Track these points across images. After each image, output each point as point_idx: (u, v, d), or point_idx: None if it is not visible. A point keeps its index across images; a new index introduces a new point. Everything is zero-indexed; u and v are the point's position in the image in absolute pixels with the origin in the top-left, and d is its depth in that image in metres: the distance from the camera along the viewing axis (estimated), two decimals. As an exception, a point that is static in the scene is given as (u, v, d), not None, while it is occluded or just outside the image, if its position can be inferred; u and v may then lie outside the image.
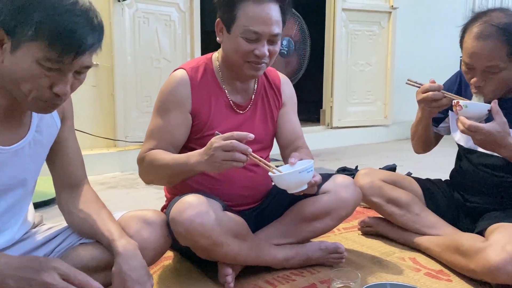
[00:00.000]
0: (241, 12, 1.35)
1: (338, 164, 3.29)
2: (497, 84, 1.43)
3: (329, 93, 4.28)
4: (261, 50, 1.37)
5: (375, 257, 1.65)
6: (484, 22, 1.40)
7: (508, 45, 1.37)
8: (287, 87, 1.62)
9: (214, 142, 1.21)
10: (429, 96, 1.47)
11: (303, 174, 1.22)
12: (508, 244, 1.30)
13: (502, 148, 1.38)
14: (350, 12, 4.18)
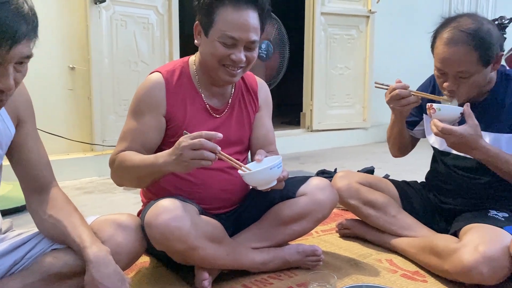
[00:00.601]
0: (220, 17, 1.35)
1: (318, 167, 3.30)
2: (469, 87, 1.46)
3: (309, 97, 4.30)
4: (238, 56, 1.37)
5: (352, 259, 1.66)
6: (453, 28, 1.43)
7: (478, 50, 1.40)
8: (263, 91, 1.62)
9: (182, 142, 1.20)
10: (396, 94, 1.50)
11: (274, 171, 1.23)
12: (481, 244, 1.33)
13: (474, 150, 1.41)
14: (328, 16, 4.21)
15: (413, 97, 1.51)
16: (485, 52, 1.40)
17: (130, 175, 1.37)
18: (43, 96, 2.91)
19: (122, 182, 1.44)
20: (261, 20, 1.40)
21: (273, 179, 1.25)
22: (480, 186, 1.58)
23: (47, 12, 2.92)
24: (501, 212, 1.52)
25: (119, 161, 1.37)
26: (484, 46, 1.40)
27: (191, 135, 1.20)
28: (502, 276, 1.32)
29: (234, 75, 1.41)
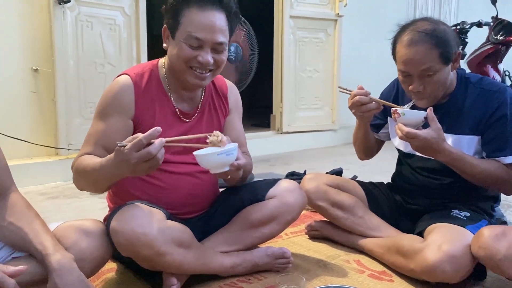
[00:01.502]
0: (185, 19, 1.34)
1: (288, 168, 3.32)
2: (434, 86, 1.50)
3: (279, 99, 4.32)
4: (204, 57, 1.35)
5: (321, 260, 1.68)
6: (412, 30, 1.48)
7: (438, 47, 1.45)
8: (233, 94, 1.62)
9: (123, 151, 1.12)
10: (357, 100, 1.52)
11: (221, 157, 1.23)
12: (444, 243, 1.36)
13: (438, 153, 1.45)
14: (297, 19, 4.25)
15: (374, 104, 1.54)
16: (445, 49, 1.45)
17: (88, 179, 1.31)
18: (4, 99, 2.82)
19: (81, 186, 1.38)
20: (229, 22, 1.39)
21: (224, 164, 1.25)
22: (443, 187, 1.62)
23: (9, 12, 2.83)
24: (463, 211, 1.57)
25: (77, 165, 1.33)
26: (443, 43, 1.45)
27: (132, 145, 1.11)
28: (464, 274, 1.37)
29: (202, 78, 1.40)
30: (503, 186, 1.54)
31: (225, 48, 1.40)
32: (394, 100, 1.70)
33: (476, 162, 1.49)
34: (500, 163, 1.51)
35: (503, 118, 1.50)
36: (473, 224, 1.48)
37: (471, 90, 1.56)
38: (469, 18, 4.62)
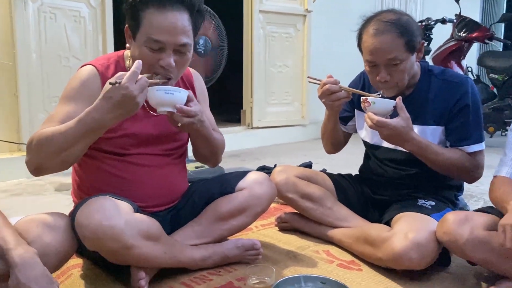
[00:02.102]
0: (145, 20, 1.28)
1: (258, 163, 3.32)
2: (401, 75, 1.52)
3: (249, 94, 4.32)
4: (166, 61, 1.29)
5: (291, 251, 1.68)
6: (377, 21, 1.51)
7: (403, 36, 1.48)
8: (199, 82, 1.60)
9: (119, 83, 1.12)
10: (327, 89, 1.54)
11: (161, 93, 1.23)
12: (410, 232, 1.39)
13: (406, 141, 1.48)
14: (267, 14, 4.25)
15: (343, 92, 1.55)
16: (409, 39, 1.49)
17: (53, 147, 1.19)
18: (-38, 93, 2.70)
19: (41, 161, 1.23)
20: (192, 20, 1.33)
21: (167, 104, 1.25)
22: (409, 177, 1.66)
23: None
24: (428, 201, 1.60)
25: (39, 136, 1.21)
26: (408, 32, 1.48)
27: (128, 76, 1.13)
28: (429, 261, 1.40)
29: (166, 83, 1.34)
30: (466, 175, 1.59)
31: (190, 48, 1.34)
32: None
33: (441, 151, 1.52)
34: (463, 152, 1.55)
35: (465, 108, 1.54)
36: (438, 212, 1.52)
37: (434, 82, 1.59)
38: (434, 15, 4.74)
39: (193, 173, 2.71)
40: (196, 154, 1.59)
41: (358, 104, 1.71)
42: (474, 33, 4.39)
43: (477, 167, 1.56)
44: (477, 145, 1.55)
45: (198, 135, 1.44)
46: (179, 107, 1.27)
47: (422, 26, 4.50)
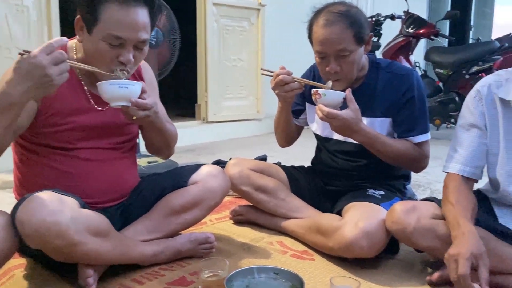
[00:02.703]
0: (104, 15, 1.23)
1: (213, 158, 3.29)
2: (350, 66, 1.55)
3: (204, 88, 4.27)
4: (126, 57, 1.26)
5: (245, 243, 1.68)
6: (327, 12, 1.53)
7: (352, 28, 1.50)
8: (148, 73, 1.56)
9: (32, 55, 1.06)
10: (280, 80, 1.54)
11: (114, 87, 1.22)
12: (360, 220, 1.42)
13: (355, 133, 1.50)
14: (220, 7, 4.21)
15: (296, 83, 1.56)
16: (358, 30, 1.51)
17: None
18: None
19: None
20: (151, 16, 1.30)
21: (121, 98, 1.23)
22: (359, 168, 1.69)
23: None
24: (378, 190, 1.65)
25: None
26: (356, 24, 1.51)
27: (42, 48, 1.07)
28: (379, 249, 1.44)
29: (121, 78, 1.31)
30: (413, 164, 1.64)
31: (147, 43, 1.32)
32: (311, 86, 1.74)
33: (389, 142, 1.57)
34: (410, 142, 1.60)
35: (411, 100, 1.59)
36: (387, 201, 1.57)
37: (382, 74, 1.63)
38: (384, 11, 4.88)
39: (146, 168, 2.65)
40: (149, 147, 1.56)
41: (310, 98, 1.72)
42: (421, 30, 4.56)
43: (424, 157, 1.62)
44: (423, 136, 1.61)
45: (152, 127, 1.42)
46: (134, 100, 1.24)
47: (372, 22, 4.62)
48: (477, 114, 1.37)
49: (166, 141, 1.51)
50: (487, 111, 1.36)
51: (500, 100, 1.34)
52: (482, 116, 1.36)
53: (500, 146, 1.35)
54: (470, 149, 1.38)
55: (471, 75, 4.15)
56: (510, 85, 1.32)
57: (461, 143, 1.40)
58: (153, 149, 1.57)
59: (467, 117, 1.40)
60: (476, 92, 1.39)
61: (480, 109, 1.37)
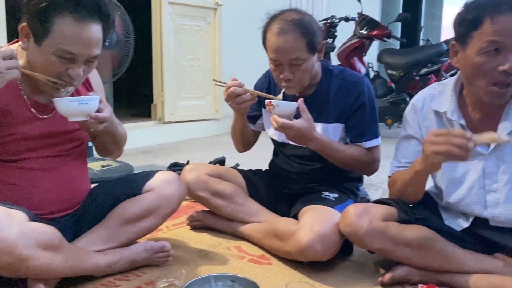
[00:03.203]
0: (57, 28, 1.18)
1: (170, 159, 3.25)
2: (303, 74, 1.58)
3: (160, 88, 4.21)
4: (76, 71, 1.23)
5: (203, 250, 1.68)
6: (280, 20, 1.55)
7: (305, 37, 1.53)
8: (95, 77, 1.53)
9: None
10: (231, 92, 1.55)
11: (74, 104, 1.23)
12: (316, 224, 1.46)
13: (309, 141, 1.54)
14: (176, 6, 4.16)
15: (248, 95, 1.57)
16: (311, 39, 1.54)
17: None
18: None
19: None
20: (104, 31, 1.27)
21: (78, 113, 1.25)
22: (314, 171, 1.73)
23: None
24: (332, 193, 1.69)
25: None
26: (309, 33, 1.54)
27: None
28: (333, 251, 1.48)
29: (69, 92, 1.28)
30: (365, 168, 1.70)
31: (98, 58, 1.29)
32: (267, 91, 1.76)
33: (342, 148, 1.61)
34: (361, 147, 1.65)
35: (362, 107, 1.64)
36: (341, 204, 1.61)
37: (334, 81, 1.68)
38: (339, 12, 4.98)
39: (99, 172, 2.59)
40: (100, 150, 1.55)
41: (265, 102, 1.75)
42: (374, 31, 4.69)
43: (374, 160, 1.68)
44: (373, 141, 1.67)
45: (107, 134, 1.40)
46: (94, 115, 1.25)
47: (327, 24, 4.72)
48: (414, 125, 1.45)
49: (117, 143, 1.51)
50: (422, 123, 1.44)
51: (434, 112, 1.42)
52: (419, 127, 1.44)
53: None
54: (411, 156, 1.45)
55: (421, 77, 4.33)
56: (443, 97, 1.40)
57: (402, 152, 1.48)
58: (103, 152, 1.57)
59: (406, 129, 1.49)
60: (412, 105, 1.48)
61: (416, 121, 1.45)
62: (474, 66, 1.24)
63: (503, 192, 1.32)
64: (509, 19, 1.17)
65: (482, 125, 1.34)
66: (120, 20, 2.68)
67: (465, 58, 1.27)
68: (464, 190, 1.38)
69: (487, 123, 1.33)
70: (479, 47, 1.21)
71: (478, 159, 1.35)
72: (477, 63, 1.23)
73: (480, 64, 1.22)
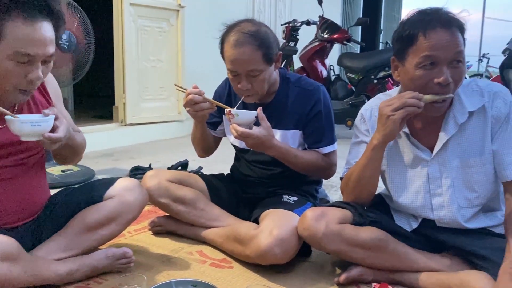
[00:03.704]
0: (9, 31, 1.17)
1: (133, 163, 3.24)
2: (261, 84, 1.62)
3: (121, 89, 4.16)
4: (36, 73, 1.22)
5: (165, 255, 1.69)
6: (237, 32, 1.58)
7: (261, 49, 1.57)
8: (51, 83, 1.51)
9: None
10: (190, 99, 1.58)
11: (27, 126, 1.21)
12: (275, 228, 1.50)
13: (268, 148, 1.59)
14: (138, 7, 4.12)
15: (207, 104, 1.60)
16: (267, 51, 1.58)
17: None
18: None
19: None
20: (55, 28, 1.27)
21: (31, 134, 1.23)
22: (274, 176, 1.78)
23: None
24: (292, 196, 1.74)
25: None
26: (265, 45, 1.58)
27: None
28: (292, 254, 1.53)
29: (29, 94, 1.27)
30: (322, 172, 1.77)
31: (54, 56, 1.28)
32: (227, 98, 1.80)
33: (300, 155, 1.67)
34: (319, 153, 1.71)
35: (318, 114, 1.70)
36: (300, 207, 1.67)
37: (292, 89, 1.73)
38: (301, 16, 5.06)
39: (59, 177, 2.55)
40: (58, 159, 1.53)
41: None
42: (335, 35, 4.80)
43: (331, 165, 1.75)
44: (330, 147, 1.73)
45: (64, 148, 1.38)
46: (47, 136, 1.23)
47: (289, 27, 4.79)
48: (364, 132, 1.54)
49: (75, 153, 1.50)
50: (371, 130, 1.51)
51: None
52: (368, 133, 1.52)
53: (385, 162, 1.50)
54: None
55: (378, 80, 4.47)
56: None
57: (354, 156, 1.56)
58: (61, 161, 1.55)
59: (357, 136, 1.57)
60: (361, 115, 1.56)
61: (365, 128, 1.54)
62: (412, 80, 1.32)
63: (447, 195, 1.41)
64: (441, 34, 1.25)
65: (425, 134, 1.43)
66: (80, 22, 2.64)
67: (404, 72, 1.35)
68: (412, 194, 1.46)
69: (428, 133, 1.43)
70: (416, 62, 1.29)
71: (421, 165, 1.44)
72: (415, 76, 1.31)
73: (418, 77, 1.30)
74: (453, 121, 1.37)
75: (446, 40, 1.25)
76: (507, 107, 1.34)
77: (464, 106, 1.36)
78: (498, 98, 1.35)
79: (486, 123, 1.36)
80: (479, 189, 1.39)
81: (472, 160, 1.38)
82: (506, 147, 1.34)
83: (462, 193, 1.40)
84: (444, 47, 1.25)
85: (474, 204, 1.41)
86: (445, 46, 1.25)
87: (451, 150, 1.39)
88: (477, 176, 1.38)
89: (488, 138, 1.36)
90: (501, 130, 1.35)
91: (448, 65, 1.27)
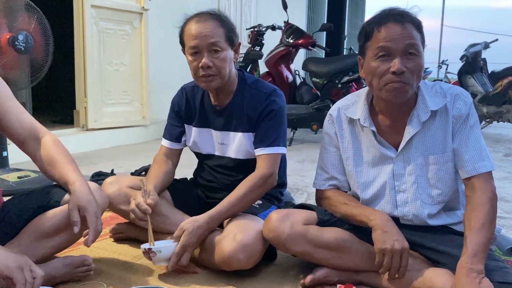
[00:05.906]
0: None
1: (94, 168, 3.15)
2: (222, 63, 1.58)
3: (82, 93, 4.05)
4: None
5: (126, 262, 1.65)
6: (199, 13, 1.61)
7: (224, 27, 1.59)
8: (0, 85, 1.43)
9: None
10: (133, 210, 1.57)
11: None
12: (238, 233, 1.48)
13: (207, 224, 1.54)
14: (100, 10, 4.03)
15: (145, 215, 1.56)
16: (230, 31, 1.61)
17: None
18: None
19: None
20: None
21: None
22: (237, 181, 1.74)
23: None
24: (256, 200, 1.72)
25: None
26: (228, 25, 1.61)
27: None
28: (256, 260, 1.51)
29: None
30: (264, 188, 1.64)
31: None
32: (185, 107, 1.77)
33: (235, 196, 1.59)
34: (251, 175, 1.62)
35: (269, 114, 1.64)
36: (265, 211, 1.65)
37: (248, 91, 1.70)
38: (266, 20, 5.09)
39: (16, 184, 2.44)
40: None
41: (186, 118, 1.78)
42: (300, 40, 4.86)
43: (269, 175, 1.61)
44: (273, 148, 1.63)
45: None
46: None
47: (254, 32, 4.81)
48: (332, 134, 1.57)
49: None
50: (338, 131, 1.55)
51: (348, 120, 1.55)
52: (336, 136, 1.56)
53: (351, 162, 1.53)
54: (332, 166, 1.57)
55: (342, 84, 4.55)
56: (357, 106, 1.53)
57: (324, 162, 1.58)
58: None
59: (325, 139, 1.60)
60: (329, 116, 1.60)
61: (333, 130, 1.56)
62: (371, 71, 1.40)
63: (411, 192, 1.45)
64: (393, 27, 1.35)
65: (390, 132, 1.48)
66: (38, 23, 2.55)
67: (366, 67, 1.43)
68: (377, 190, 1.49)
69: (394, 131, 1.47)
70: (372, 54, 1.38)
71: (387, 162, 1.47)
72: (373, 68, 1.39)
73: (375, 68, 1.38)
74: (417, 119, 1.43)
75: (398, 32, 1.34)
76: (467, 108, 1.42)
77: (427, 105, 1.42)
78: (459, 99, 1.43)
79: (448, 123, 1.42)
80: (441, 186, 1.44)
81: (435, 157, 1.43)
82: (465, 145, 1.41)
83: (426, 190, 1.45)
84: (395, 39, 1.34)
85: (437, 201, 1.45)
86: (396, 38, 1.34)
87: (415, 147, 1.44)
88: (440, 173, 1.44)
89: (449, 137, 1.43)
90: (461, 129, 1.42)
91: (402, 56, 1.34)
